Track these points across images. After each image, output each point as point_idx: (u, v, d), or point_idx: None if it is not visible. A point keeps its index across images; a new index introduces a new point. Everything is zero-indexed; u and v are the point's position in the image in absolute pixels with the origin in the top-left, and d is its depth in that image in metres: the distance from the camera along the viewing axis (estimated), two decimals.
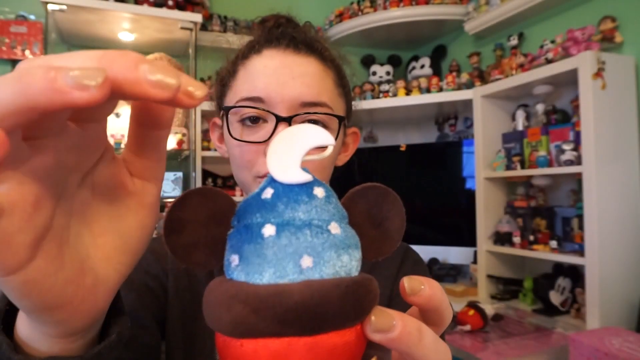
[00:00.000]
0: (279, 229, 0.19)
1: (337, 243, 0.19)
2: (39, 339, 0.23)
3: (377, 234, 0.22)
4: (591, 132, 1.44)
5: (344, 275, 0.19)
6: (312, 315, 0.17)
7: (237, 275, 0.19)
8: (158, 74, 0.16)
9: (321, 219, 0.19)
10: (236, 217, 0.20)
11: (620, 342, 1.17)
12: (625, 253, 1.47)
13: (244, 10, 2.34)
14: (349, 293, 0.18)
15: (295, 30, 0.56)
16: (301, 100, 0.51)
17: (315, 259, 0.18)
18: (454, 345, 1.42)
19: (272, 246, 0.18)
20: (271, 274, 0.18)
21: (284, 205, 0.19)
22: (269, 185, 0.20)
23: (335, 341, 0.18)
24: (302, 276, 0.18)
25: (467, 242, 2.06)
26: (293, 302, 0.17)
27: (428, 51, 2.49)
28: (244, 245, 0.19)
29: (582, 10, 1.75)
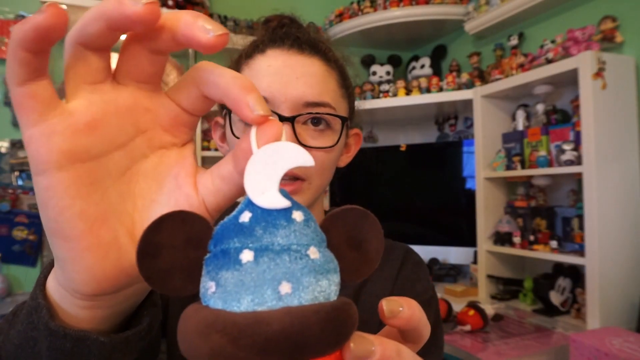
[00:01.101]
0: (257, 254, 0.18)
1: (316, 268, 0.19)
2: (65, 304, 0.24)
3: (356, 256, 0.22)
4: (591, 132, 1.44)
5: (323, 300, 0.19)
6: (292, 343, 0.17)
7: (214, 303, 0.18)
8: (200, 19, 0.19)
9: (300, 244, 0.19)
10: (213, 241, 0.20)
11: (621, 342, 1.16)
12: (625, 253, 1.47)
13: (244, 10, 2.34)
14: (330, 319, 0.18)
15: (299, 31, 0.56)
16: (304, 100, 0.51)
17: (294, 285, 0.18)
18: (454, 345, 1.41)
19: (250, 272, 0.18)
20: (249, 301, 0.17)
21: (262, 230, 0.19)
22: (247, 209, 0.19)
23: None
24: (280, 303, 0.18)
25: (467, 242, 2.06)
26: (272, 330, 0.17)
27: (428, 51, 2.49)
28: (221, 271, 0.18)
29: (583, 10, 1.75)
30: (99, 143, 0.21)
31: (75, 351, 0.24)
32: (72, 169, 0.20)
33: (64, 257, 0.22)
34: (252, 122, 0.20)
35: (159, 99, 0.23)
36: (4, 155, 1.88)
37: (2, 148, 1.88)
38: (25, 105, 0.19)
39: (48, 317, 0.24)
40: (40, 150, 0.20)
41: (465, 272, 2.16)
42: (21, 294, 1.86)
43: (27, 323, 0.25)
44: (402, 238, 0.66)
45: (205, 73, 0.21)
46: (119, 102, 0.21)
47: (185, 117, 0.23)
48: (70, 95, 0.21)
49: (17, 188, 1.90)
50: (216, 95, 0.21)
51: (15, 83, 0.19)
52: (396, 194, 2.34)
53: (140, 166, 0.23)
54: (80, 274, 0.22)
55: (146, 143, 0.23)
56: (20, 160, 1.89)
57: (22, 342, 0.25)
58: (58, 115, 0.20)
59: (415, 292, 0.59)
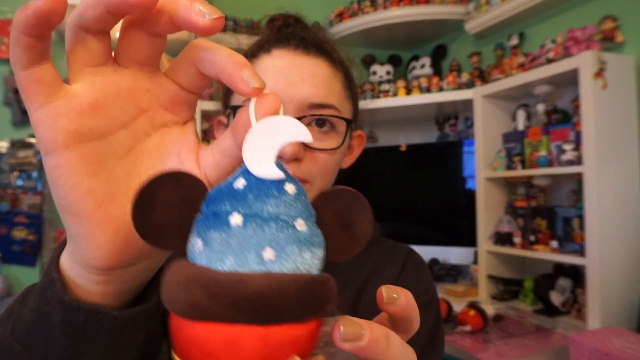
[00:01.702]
0: (246, 219, 0.19)
1: (301, 239, 0.19)
2: (79, 279, 0.25)
3: (344, 236, 0.22)
4: (592, 132, 1.43)
5: (304, 271, 0.19)
6: (268, 306, 0.18)
7: (199, 260, 0.19)
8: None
9: (288, 215, 0.19)
10: (206, 203, 0.20)
11: (621, 342, 1.16)
12: (626, 253, 1.47)
13: (244, 10, 2.34)
14: (307, 289, 0.18)
15: (305, 31, 0.56)
16: (309, 101, 0.51)
17: (278, 253, 0.19)
18: (454, 345, 1.41)
19: (237, 235, 0.19)
20: (232, 262, 0.18)
21: (254, 197, 0.19)
22: (242, 176, 0.20)
23: (287, 334, 0.18)
24: (262, 267, 0.18)
25: (467, 243, 2.06)
26: (250, 291, 0.17)
27: (428, 51, 2.49)
28: (210, 231, 0.19)
29: (583, 10, 1.75)
30: (102, 123, 0.22)
31: (87, 325, 0.25)
32: (79, 148, 0.21)
33: (78, 234, 0.23)
34: (249, 95, 0.21)
35: (158, 79, 0.24)
36: (4, 155, 1.88)
37: (2, 148, 1.88)
38: (31, 88, 0.20)
39: (62, 291, 0.24)
40: (47, 131, 0.21)
41: (466, 273, 2.16)
42: None
43: (40, 299, 0.26)
44: (403, 238, 0.66)
45: (201, 51, 0.22)
46: (120, 84, 0.23)
47: (184, 96, 0.24)
48: (73, 78, 0.22)
49: (16, 188, 1.90)
50: (212, 73, 0.22)
51: (19, 67, 0.20)
52: (396, 194, 2.33)
53: (144, 145, 0.24)
54: (93, 249, 0.23)
55: (148, 122, 0.24)
56: (20, 160, 1.89)
57: (34, 319, 0.26)
58: (62, 98, 0.21)
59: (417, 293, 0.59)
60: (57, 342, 0.25)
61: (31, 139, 1.91)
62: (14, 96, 1.87)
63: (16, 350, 0.27)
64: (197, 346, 0.18)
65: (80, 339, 0.25)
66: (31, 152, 1.90)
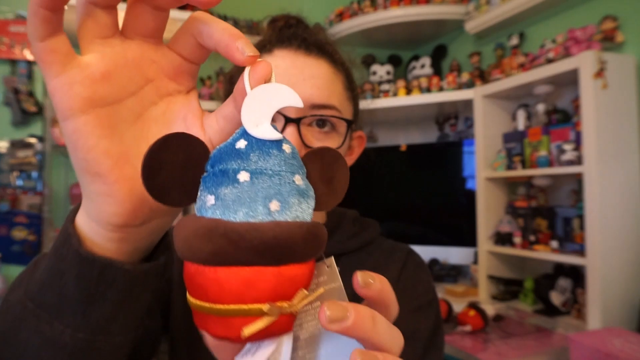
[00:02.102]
0: (253, 176, 0.21)
1: (300, 192, 0.22)
2: (94, 236, 0.26)
3: (326, 189, 0.25)
4: (592, 132, 1.43)
5: (302, 219, 0.22)
6: (281, 249, 0.20)
7: (212, 214, 0.21)
8: None
9: (288, 171, 0.22)
10: (210, 162, 0.22)
11: (622, 342, 1.16)
12: (626, 253, 1.47)
13: (244, 10, 2.34)
14: (310, 233, 0.21)
15: (306, 32, 0.56)
16: (311, 102, 0.51)
17: (282, 204, 0.21)
18: (454, 345, 1.41)
19: (247, 190, 0.21)
20: (244, 214, 0.21)
21: (257, 157, 0.22)
22: (242, 137, 0.22)
23: (296, 272, 0.21)
24: (270, 217, 0.21)
25: (467, 243, 2.06)
26: (267, 237, 0.20)
27: (428, 51, 2.49)
28: (220, 188, 0.21)
29: (583, 9, 1.75)
30: (113, 91, 0.24)
31: (101, 279, 0.26)
32: (93, 113, 0.24)
33: (97, 192, 0.25)
34: (243, 64, 0.23)
35: (162, 50, 0.26)
36: (4, 156, 1.88)
37: (2, 148, 1.88)
38: (48, 59, 0.22)
39: (78, 245, 0.26)
40: (64, 98, 0.23)
41: (466, 273, 2.16)
42: None
43: (55, 258, 0.27)
44: (403, 238, 0.66)
45: (200, 24, 0.24)
46: (127, 55, 0.25)
47: (187, 66, 0.27)
48: (84, 49, 0.24)
49: (16, 188, 1.90)
50: (210, 44, 0.24)
51: (37, 39, 0.22)
52: (396, 194, 2.33)
53: (151, 112, 0.26)
54: (111, 205, 0.25)
55: (154, 91, 0.26)
56: (20, 160, 1.89)
57: (48, 277, 0.27)
58: (76, 67, 0.23)
59: (417, 293, 0.59)
60: (70, 298, 0.27)
61: (31, 139, 1.91)
62: (14, 96, 1.87)
63: (29, 308, 0.28)
64: (218, 288, 0.20)
65: (93, 294, 0.26)
66: (31, 152, 1.90)
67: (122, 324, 0.29)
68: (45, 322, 0.27)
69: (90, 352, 0.28)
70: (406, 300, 0.57)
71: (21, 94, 1.88)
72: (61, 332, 0.27)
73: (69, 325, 0.27)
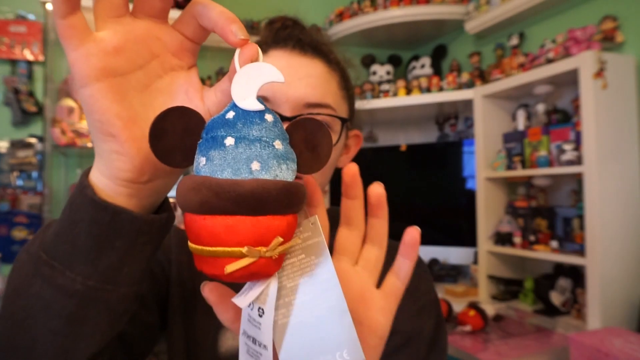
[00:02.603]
0: (237, 141, 0.25)
1: (279, 155, 0.26)
2: (107, 189, 0.30)
3: (310, 155, 0.28)
4: (592, 132, 1.43)
5: (282, 178, 0.26)
6: (257, 201, 0.24)
7: (203, 172, 0.25)
8: None
9: (269, 137, 0.26)
10: (205, 131, 0.26)
11: (622, 342, 1.16)
12: (626, 253, 1.47)
13: (244, 10, 2.34)
14: (283, 189, 0.25)
15: (302, 33, 0.57)
16: (305, 101, 0.52)
17: (262, 165, 0.25)
18: (454, 345, 1.41)
19: (231, 152, 0.25)
20: (229, 172, 0.24)
21: (242, 125, 0.25)
22: (232, 109, 0.26)
23: (272, 222, 0.25)
24: (251, 176, 0.25)
25: (467, 243, 2.06)
26: (244, 190, 0.24)
27: (428, 51, 2.49)
28: (210, 151, 0.25)
29: (583, 9, 1.75)
30: (124, 63, 0.28)
31: (112, 225, 0.29)
32: (107, 81, 0.27)
33: (109, 150, 0.28)
34: (235, 45, 0.27)
35: (167, 29, 0.29)
36: (4, 155, 1.88)
37: (2, 148, 1.88)
38: (68, 33, 0.26)
39: (93, 194, 0.29)
40: (82, 67, 0.27)
41: (466, 273, 2.16)
42: None
43: (69, 209, 0.30)
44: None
45: (200, 7, 0.28)
46: (136, 32, 0.28)
47: (188, 44, 0.30)
48: (99, 27, 0.27)
49: (16, 188, 1.90)
50: (208, 25, 0.28)
51: (60, 16, 0.26)
52: (396, 194, 2.33)
53: (157, 84, 0.30)
54: (122, 162, 0.28)
55: (160, 66, 0.30)
56: (20, 160, 1.89)
57: (62, 229, 0.30)
58: (92, 42, 0.27)
59: (419, 292, 0.59)
60: (82, 247, 0.30)
61: (31, 139, 1.91)
62: (14, 96, 1.87)
63: (43, 259, 0.31)
64: (206, 233, 0.24)
65: (103, 242, 0.30)
66: (31, 152, 1.90)
67: (126, 274, 0.31)
68: (59, 271, 0.30)
69: (97, 301, 0.31)
70: (409, 300, 0.57)
71: (21, 94, 1.88)
72: (72, 280, 0.30)
73: (80, 274, 0.30)
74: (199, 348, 0.54)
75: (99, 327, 0.32)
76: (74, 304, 0.30)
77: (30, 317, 0.31)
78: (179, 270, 0.56)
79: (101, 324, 0.32)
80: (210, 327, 0.54)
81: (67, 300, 0.30)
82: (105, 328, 0.32)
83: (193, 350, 0.54)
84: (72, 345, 0.31)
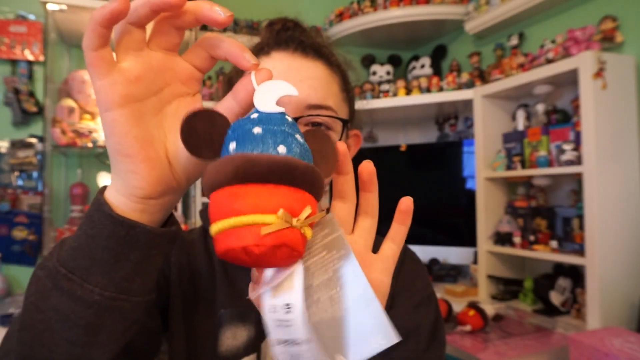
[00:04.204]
0: (264, 130, 0.28)
1: (301, 144, 0.29)
2: (122, 206, 0.32)
3: (321, 160, 0.31)
4: (591, 132, 1.44)
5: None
6: (288, 170, 0.26)
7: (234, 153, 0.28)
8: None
9: (291, 130, 0.29)
10: (231, 128, 0.29)
11: (621, 342, 1.16)
12: (626, 253, 1.47)
13: (244, 10, 2.34)
14: (310, 168, 0.28)
15: (303, 35, 0.58)
16: (307, 102, 0.52)
17: (287, 148, 0.28)
18: (454, 345, 1.41)
19: (260, 138, 0.28)
20: (260, 151, 0.27)
21: (266, 120, 0.29)
22: (255, 112, 0.30)
23: (300, 195, 0.27)
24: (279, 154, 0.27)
25: (467, 243, 2.06)
26: (277, 160, 0.26)
27: (428, 51, 2.49)
28: (240, 137, 0.28)
29: (583, 10, 1.75)
30: (142, 90, 0.31)
31: (127, 238, 0.32)
32: (128, 106, 0.31)
33: (127, 169, 0.31)
34: (249, 69, 0.31)
35: (178, 60, 0.33)
36: (4, 155, 1.88)
37: (2, 148, 1.88)
38: (97, 64, 0.29)
39: (110, 210, 0.32)
40: (108, 93, 0.30)
41: (466, 273, 2.16)
42: (21, 294, 1.86)
43: (87, 225, 0.33)
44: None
45: (212, 40, 0.32)
46: (153, 63, 0.32)
47: (196, 74, 0.34)
48: (121, 58, 0.31)
49: (17, 188, 1.90)
50: (222, 55, 0.32)
51: (92, 49, 0.29)
52: (396, 194, 2.32)
53: (167, 109, 0.33)
54: (139, 180, 0.32)
55: (170, 92, 0.33)
56: (20, 160, 1.89)
57: (80, 244, 0.33)
58: (117, 72, 0.30)
59: (417, 288, 0.60)
60: (99, 260, 0.32)
61: (31, 139, 1.91)
62: (15, 96, 1.87)
63: (62, 273, 0.33)
64: (242, 200, 0.26)
65: (119, 254, 0.32)
66: (31, 152, 1.90)
67: (139, 284, 0.34)
68: (77, 284, 0.32)
69: (113, 310, 0.33)
70: (407, 296, 0.58)
71: (21, 94, 1.88)
72: (91, 291, 0.32)
73: (98, 285, 0.32)
74: (199, 348, 0.54)
75: (114, 335, 0.34)
76: (92, 313, 0.32)
77: (48, 329, 0.33)
78: (179, 272, 0.57)
79: (115, 332, 0.34)
80: (211, 328, 0.54)
81: (85, 310, 0.32)
82: (118, 336, 0.35)
83: (193, 351, 0.54)
84: (87, 354, 0.34)
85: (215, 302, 0.55)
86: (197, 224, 1.85)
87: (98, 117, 1.95)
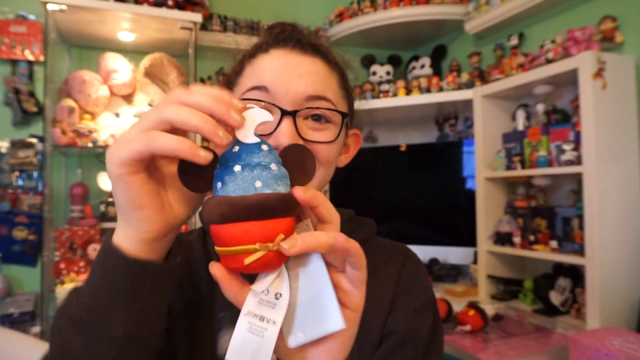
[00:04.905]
0: (242, 167, 0.34)
1: (275, 175, 0.34)
2: (131, 249, 0.36)
3: (300, 172, 0.38)
4: (591, 132, 1.44)
5: (278, 191, 0.34)
6: (261, 209, 0.33)
7: (220, 193, 0.34)
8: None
9: (266, 162, 0.35)
10: (219, 162, 0.35)
11: (621, 342, 1.16)
12: (625, 253, 1.47)
13: (244, 10, 2.34)
14: (281, 199, 0.34)
15: (301, 35, 0.57)
16: (306, 94, 0.52)
17: (264, 183, 0.34)
18: (454, 345, 1.42)
19: (239, 176, 0.33)
20: (240, 192, 0.33)
21: (245, 154, 0.34)
22: (236, 144, 0.35)
23: (275, 224, 0.33)
24: (256, 191, 0.33)
25: (467, 242, 2.06)
26: (252, 202, 0.33)
27: (428, 51, 2.49)
28: (224, 177, 0.34)
29: (583, 10, 1.75)
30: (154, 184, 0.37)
31: (141, 274, 0.36)
32: (139, 174, 0.35)
33: (138, 218, 0.35)
34: (237, 127, 0.35)
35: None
36: (4, 155, 1.88)
37: (2, 148, 1.88)
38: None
39: (123, 254, 0.36)
40: (126, 173, 0.35)
41: (466, 272, 2.16)
42: (21, 294, 1.86)
43: (102, 269, 0.37)
44: (402, 238, 0.66)
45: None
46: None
47: None
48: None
49: (17, 188, 1.90)
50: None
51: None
52: (396, 194, 2.34)
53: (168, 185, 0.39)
54: (149, 226, 0.36)
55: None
56: (20, 160, 1.89)
57: (97, 287, 0.37)
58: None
59: (417, 292, 0.59)
60: (117, 298, 0.36)
61: (31, 139, 1.91)
62: (15, 96, 1.87)
63: (85, 318, 0.37)
64: (227, 237, 0.33)
65: (135, 290, 0.36)
66: (31, 152, 1.90)
67: (155, 314, 0.39)
68: (99, 326, 0.36)
69: (135, 341, 0.37)
70: (407, 300, 0.58)
71: (22, 94, 1.88)
72: (114, 327, 0.36)
73: (119, 321, 0.36)
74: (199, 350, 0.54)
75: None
76: (117, 347, 0.37)
77: None
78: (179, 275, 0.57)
79: (137, 358, 0.39)
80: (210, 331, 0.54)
81: (110, 347, 0.37)
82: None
83: (194, 353, 0.54)
84: None
85: (214, 305, 0.55)
86: (197, 225, 1.85)
87: (98, 117, 1.95)
